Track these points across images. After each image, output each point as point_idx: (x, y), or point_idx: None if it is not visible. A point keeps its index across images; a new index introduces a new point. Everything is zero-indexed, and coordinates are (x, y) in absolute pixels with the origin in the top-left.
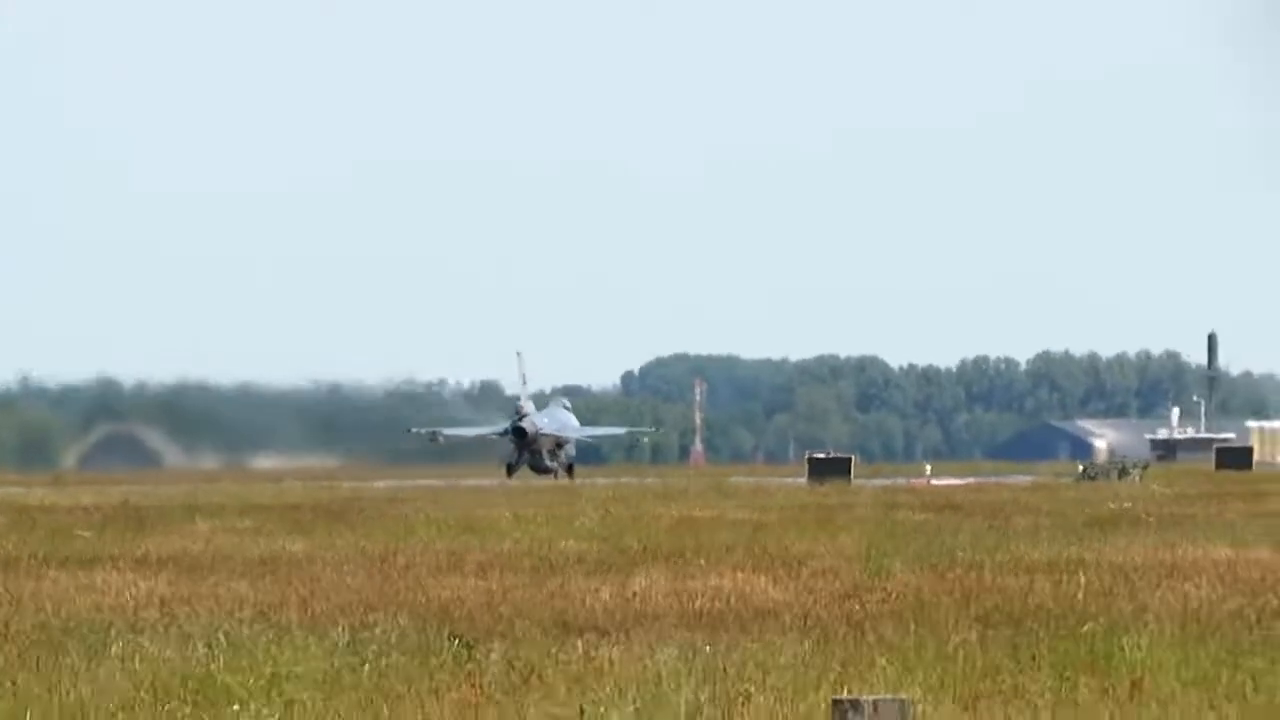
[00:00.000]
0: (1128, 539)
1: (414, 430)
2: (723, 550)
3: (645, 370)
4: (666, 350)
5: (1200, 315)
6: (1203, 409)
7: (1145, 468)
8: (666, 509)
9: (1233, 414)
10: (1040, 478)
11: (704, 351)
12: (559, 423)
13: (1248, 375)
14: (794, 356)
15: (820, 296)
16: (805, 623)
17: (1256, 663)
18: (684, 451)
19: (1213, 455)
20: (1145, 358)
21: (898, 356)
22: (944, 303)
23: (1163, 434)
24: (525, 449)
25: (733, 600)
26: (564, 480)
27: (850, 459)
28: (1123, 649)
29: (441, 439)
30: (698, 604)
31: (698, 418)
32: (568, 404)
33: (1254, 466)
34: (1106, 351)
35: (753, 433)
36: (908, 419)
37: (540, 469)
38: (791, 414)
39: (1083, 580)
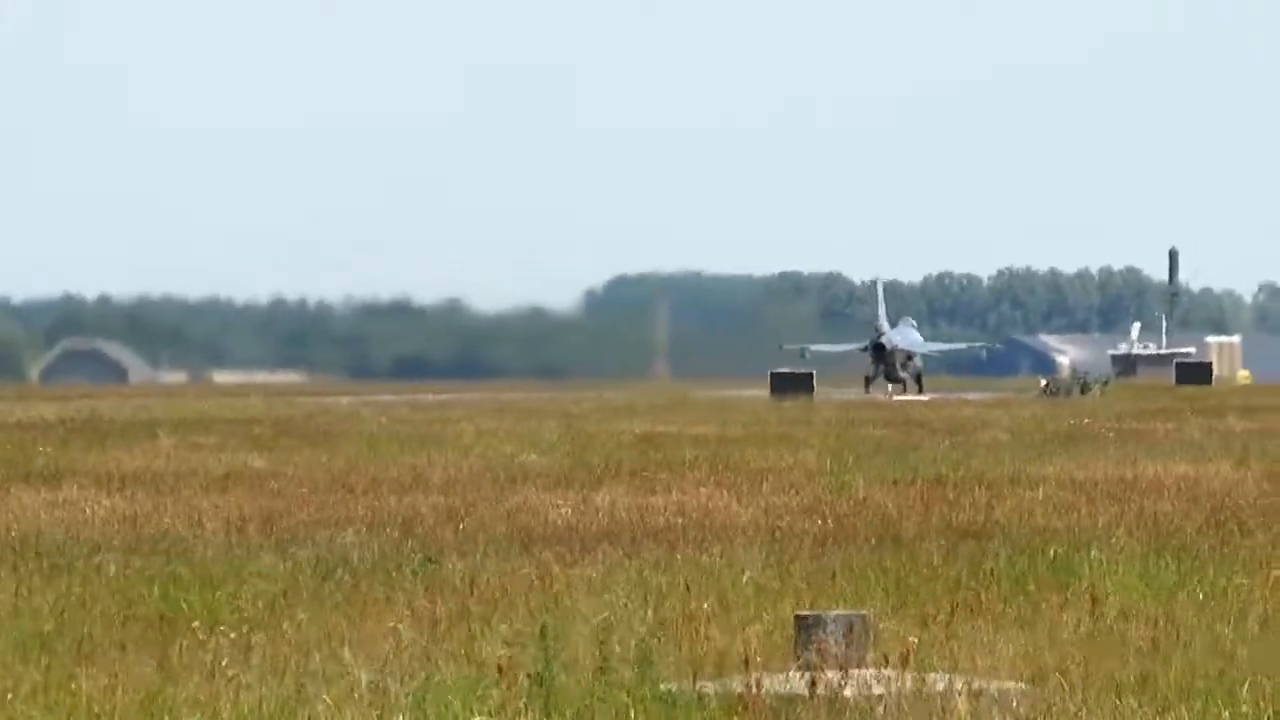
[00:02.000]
0: (1089, 455)
1: (784, 346)
2: (685, 466)
3: (608, 288)
4: (631, 268)
5: (1161, 231)
6: (1163, 324)
7: (1106, 383)
8: (630, 424)
9: (1193, 329)
10: (1002, 393)
11: (666, 269)
12: (909, 339)
13: (1208, 291)
14: (758, 272)
15: (783, 212)
16: (768, 538)
17: (1216, 577)
18: (646, 367)
19: (1173, 370)
20: (1107, 274)
21: (861, 272)
22: (907, 218)
23: (1124, 349)
24: (882, 362)
25: (695, 515)
26: (913, 390)
27: (812, 374)
28: (1083, 564)
29: (808, 354)
30: (660, 520)
31: (660, 334)
32: (913, 323)
33: (1213, 382)
34: (1068, 268)
35: (717, 349)
36: (872, 335)
37: (893, 379)
38: (756, 330)
39: (1043, 496)
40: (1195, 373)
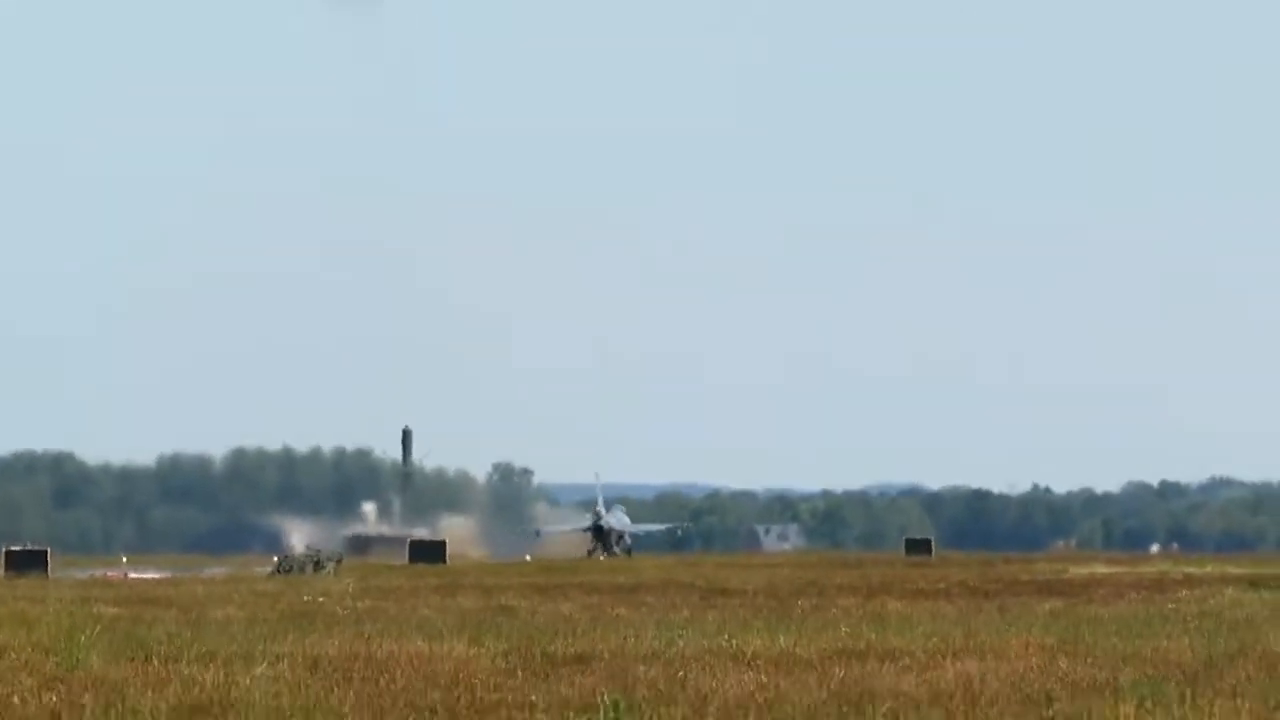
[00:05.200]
0: (324, 633)
1: (522, 527)
2: None
3: None
4: None
5: (394, 410)
6: (397, 505)
7: (339, 561)
8: None
9: (426, 509)
10: (236, 571)
11: None
12: (621, 521)
13: (441, 471)
14: None
15: (19, 390)
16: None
17: None
18: None
19: (407, 549)
20: (340, 454)
21: (95, 453)
22: (139, 399)
23: (357, 529)
24: (600, 540)
25: None
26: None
27: (46, 551)
28: None
29: (540, 534)
30: None
31: None
32: (623, 508)
33: (447, 560)
34: (301, 447)
35: None
36: (106, 515)
37: (610, 553)
38: None
39: (278, 673)
40: (428, 551)
